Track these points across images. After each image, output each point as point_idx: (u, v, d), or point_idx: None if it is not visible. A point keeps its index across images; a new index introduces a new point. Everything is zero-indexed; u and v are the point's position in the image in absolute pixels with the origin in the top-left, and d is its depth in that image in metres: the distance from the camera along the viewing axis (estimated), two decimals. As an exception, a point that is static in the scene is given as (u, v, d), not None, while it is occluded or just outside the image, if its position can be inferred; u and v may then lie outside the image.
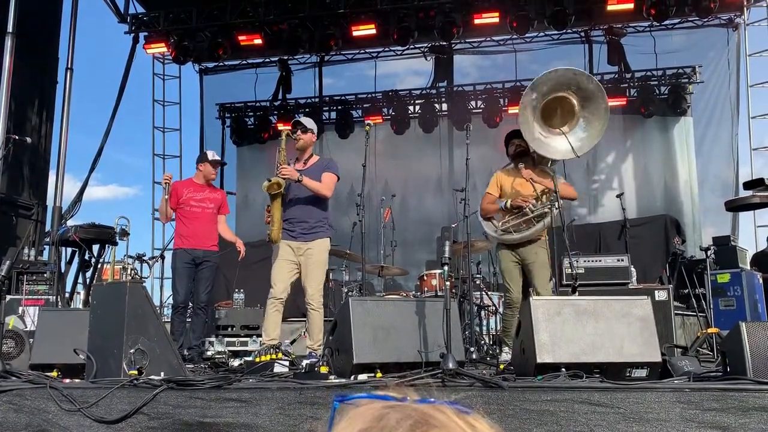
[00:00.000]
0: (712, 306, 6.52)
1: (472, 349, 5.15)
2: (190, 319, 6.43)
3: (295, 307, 6.62)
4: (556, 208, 4.98)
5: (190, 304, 6.34)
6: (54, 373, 4.18)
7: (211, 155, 6.45)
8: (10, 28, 8.15)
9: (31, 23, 8.77)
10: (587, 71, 11.72)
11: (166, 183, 6.06)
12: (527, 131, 5.13)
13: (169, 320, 6.33)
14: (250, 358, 5.01)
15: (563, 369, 3.39)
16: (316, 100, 12.90)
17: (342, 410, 0.71)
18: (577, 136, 5.16)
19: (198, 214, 6.16)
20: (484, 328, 6.90)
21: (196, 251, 6.09)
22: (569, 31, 11.11)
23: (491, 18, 10.02)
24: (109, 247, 7.19)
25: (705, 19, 10.52)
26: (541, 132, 5.17)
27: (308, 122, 5.37)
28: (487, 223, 5.39)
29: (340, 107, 12.65)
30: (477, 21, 10.08)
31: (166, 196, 6.05)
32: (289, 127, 5.30)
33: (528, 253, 5.18)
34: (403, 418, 0.67)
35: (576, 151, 5.11)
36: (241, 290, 7.31)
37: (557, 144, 5.19)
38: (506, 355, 4.90)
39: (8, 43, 8.12)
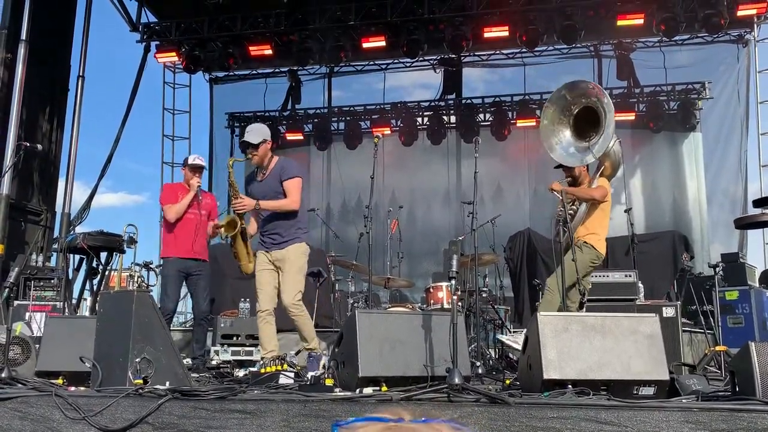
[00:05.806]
0: (720, 323, 6.47)
1: (478, 363, 5.12)
2: (192, 329, 6.40)
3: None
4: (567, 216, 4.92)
5: (189, 315, 6.29)
6: (59, 381, 4.19)
7: (192, 159, 6.07)
8: (23, 36, 8.25)
9: (44, 31, 8.86)
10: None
11: (197, 185, 5.94)
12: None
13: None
14: (255, 369, 5.00)
15: (570, 386, 3.36)
16: (325, 110, 12.96)
17: None
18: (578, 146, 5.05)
19: (191, 221, 5.96)
20: (491, 342, 6.87)
21: (188, 261, 5.91)
22: (578, 45, 11.13)
23: (501, 32, 10.05)
24: (116, 254, 7.22)
25: (715, 35, 10.51)
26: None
27: (255, 136, 4.92)
28: None
29: (348, 118, 12.69)
30: (487, 34, 10.11)
31: (191, 196, 5.91)
32: (244, 156, 5.13)
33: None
34: None
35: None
36: (247, 300, 7.31)
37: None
38: None
39: (21, 50, 8.21)
